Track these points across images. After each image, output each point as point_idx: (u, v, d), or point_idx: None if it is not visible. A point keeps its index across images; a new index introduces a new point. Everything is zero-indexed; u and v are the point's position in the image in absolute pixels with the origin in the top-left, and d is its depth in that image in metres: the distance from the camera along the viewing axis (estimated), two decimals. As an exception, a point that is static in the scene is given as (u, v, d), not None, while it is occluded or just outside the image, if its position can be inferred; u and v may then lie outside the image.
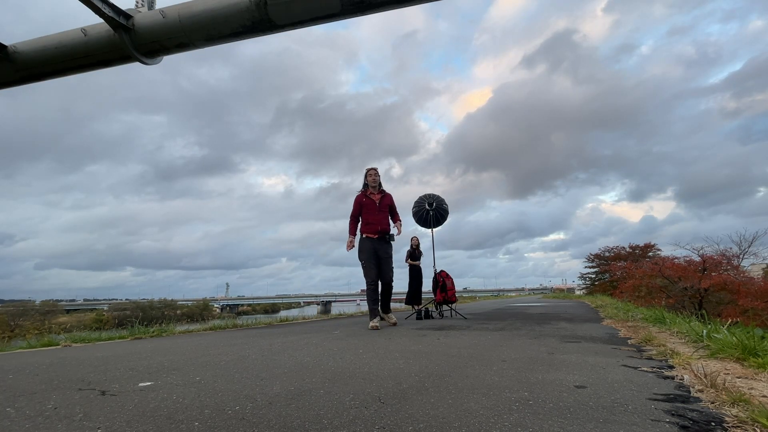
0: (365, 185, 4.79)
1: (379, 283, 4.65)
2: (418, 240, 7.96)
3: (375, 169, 4.79)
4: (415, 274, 7.78)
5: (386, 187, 4.89)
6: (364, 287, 4.62)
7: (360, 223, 4.70)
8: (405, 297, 7.99)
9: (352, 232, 4.66)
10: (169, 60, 3.20)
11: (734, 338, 2.15)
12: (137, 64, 3.03)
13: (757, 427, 1.04)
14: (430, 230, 6.86)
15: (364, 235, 4.58)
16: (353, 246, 4.60)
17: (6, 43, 3.06)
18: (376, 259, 4.53)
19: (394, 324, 4.55)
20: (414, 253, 7.83)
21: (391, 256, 4.66)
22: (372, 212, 4.63)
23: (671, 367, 1.87)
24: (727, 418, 1.12)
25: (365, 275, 4.52)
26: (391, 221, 4.84)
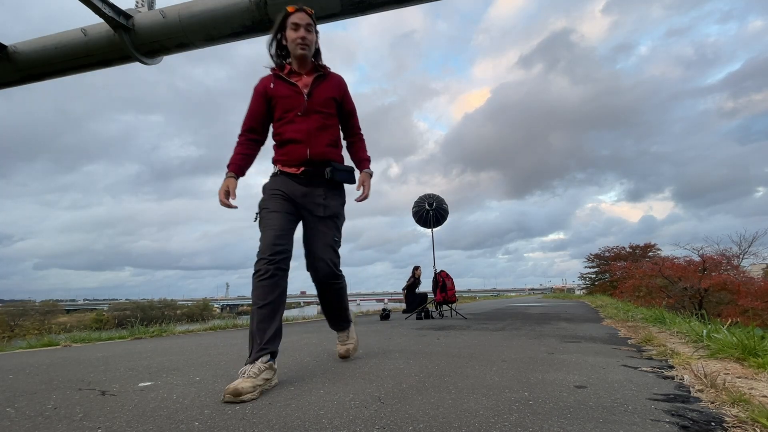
0: (276, 53, 2.02)
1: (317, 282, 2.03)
2: (421, 271, 7.81)
3: (304, 12, 1.95)
4: (414, 296, 7.56)
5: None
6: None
7: (274, 144, 2.01)
8: (405, 309, 7.87)
9: (236, 161, 1.94)
10: (165, 60, 3.20)
11: (734, 338, 2.15)
12: (136, 63, 3.03)
13: (757, 427, 1.04)
14: (429, 230, 6.87)
15: (277, 169, 1.96)
16: (231, 197, 1.87)
17: (6, 43, 3.06)
18: (291, 218, 1.88)
19: (346, 353, 2.19)
20: (415, 283, 7.69)
21: (336, 216, 1.98)
22: (294, 115, 1.91)
23: (671, 367, 1.87)
24: (727, 418, 1.12)
25: (259, 252, 1.79)
26: (344, 144, 2.13)
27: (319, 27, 2.01)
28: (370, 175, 2.13)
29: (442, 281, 6.45)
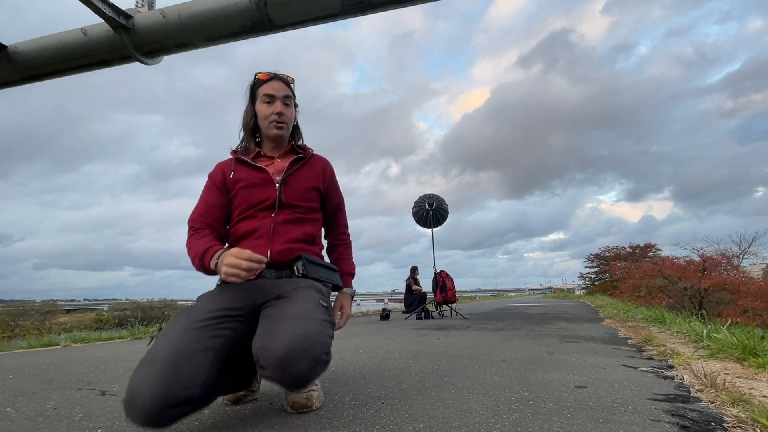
0: (249, 132, 1.48)
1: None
2: (419, 272, 7.92)
3: (280, 80, 1.44)
4: (414, 296, 7.57)
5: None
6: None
7: (231, 242, 1.41)
8: (403, 303, 7.93)
9: (213, 243, 1.26)
10: (165, 59, 3.20)
11: (734, 338, 2.15)
12: (136, 63, 3.03)
13: (757, 427, 1.04)
14: (429, 230, 6.87)
15: (221, 280, 1.23)
16: (249, 264, 1.09)
17: (6, 43, 3.07)
18: (221, 332, 1.10)
19: (306, 402, 1.27)
20: (414, 279, 7.80)
21: (319, 289, 1.30)
22: (260, 210, 1.37)
23: (671, 367, 1.88)
24: (727, 418, 1.12)
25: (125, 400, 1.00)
26: (324, 242, 1.58)
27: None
28: (352, 296, 1.52)
29: (442, 281, 6.45)
